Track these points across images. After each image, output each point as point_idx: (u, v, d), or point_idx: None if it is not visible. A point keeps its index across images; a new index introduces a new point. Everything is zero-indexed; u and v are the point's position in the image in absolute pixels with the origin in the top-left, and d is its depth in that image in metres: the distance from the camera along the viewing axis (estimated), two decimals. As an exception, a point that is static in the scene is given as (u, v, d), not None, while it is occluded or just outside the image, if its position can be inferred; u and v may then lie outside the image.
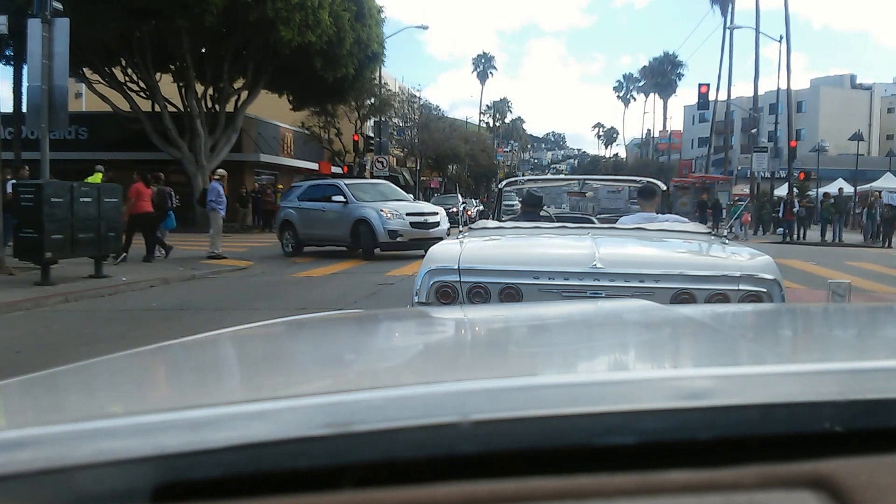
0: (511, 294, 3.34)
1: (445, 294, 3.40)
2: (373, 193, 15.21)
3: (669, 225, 4.45)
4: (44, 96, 9.52)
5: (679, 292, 3.23)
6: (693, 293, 3.23)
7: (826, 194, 26.73)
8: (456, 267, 3.40)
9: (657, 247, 3.97)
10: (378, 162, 32.99)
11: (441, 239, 12.85)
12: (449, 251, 3.59)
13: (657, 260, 3.62)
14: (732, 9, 44.07)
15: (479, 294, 3.37)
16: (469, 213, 18.58)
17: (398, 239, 13.85)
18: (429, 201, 38.21)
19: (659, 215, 4.84)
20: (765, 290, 3.24)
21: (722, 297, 3.22)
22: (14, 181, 10.50)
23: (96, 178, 12.77)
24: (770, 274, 3.31)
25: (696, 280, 3.28)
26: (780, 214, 25.26)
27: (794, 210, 24.41)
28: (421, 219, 14.22)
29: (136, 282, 9.88)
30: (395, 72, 59.19)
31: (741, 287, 3.25)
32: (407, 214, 14.07)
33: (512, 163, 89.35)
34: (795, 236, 24.17)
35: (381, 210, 13.96)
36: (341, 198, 14.67)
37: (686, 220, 5.00)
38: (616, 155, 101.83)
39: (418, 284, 3.46)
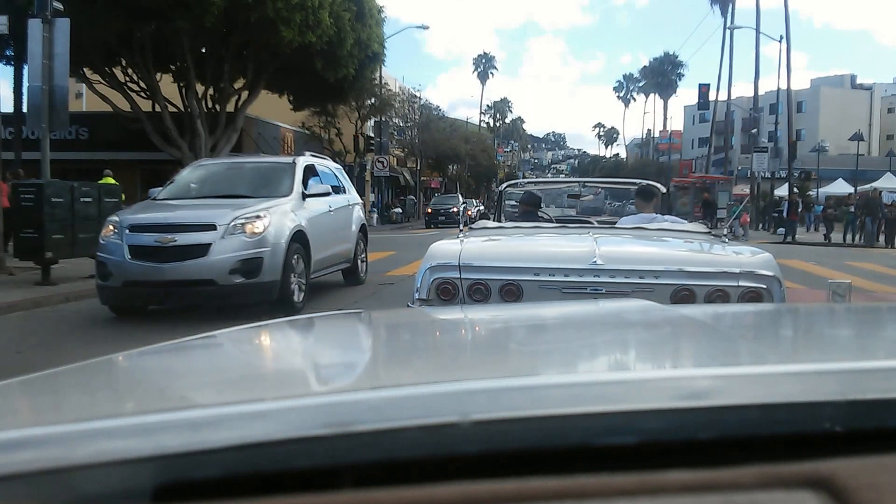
0: (511, 291, 3.34)
1: (446, 291, 3.40)
2: (212, 185, 8.19)
3: (669, 225, 4.47)
4: (44, 96, 9.53)
5: (679, 288, 3.23)
6: (693, 289, 3.23)
7: (848, 196, 26.40)
8: (456, 264, 3.40)
9: (657, 245, 3.98)
10: (378, 162, 33.04)
11: (211, 283, 6.65)
12: (449, 248, 3.59)
13: (657, 257, 3.62)
14: (732, 8, 44.07)
15: (479, 291, 3.37)
16: (469, 213, 17.89)
17: (108, 281, 6.93)
18: (429, 201, 38.24)
19: (658, 216, 4.85)
20: (764, 286, 3.25)
21: (722, 294, 3.22)
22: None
23: (107, 180, 12.38)
24: (770, 271, 3.32)
25: (695, 276, 3.29)
26: (785, 214, 24.96)
27: (799, 210, 24.22)
28: (152, 240, 6.76)
29: (136, 282, 9.86)
30: (395, 71, 59.21)
31: (741, 283, 3.25)
32: (130, 230, 6.86)
33: (512, 163, 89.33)
34: (824, 238, 23.61)
35: (114, 219, 7.29)
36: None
37: (684, 221, 5.01)
38: (616, 155, 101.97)
39: (419, 281, 3.47)
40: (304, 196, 7.92)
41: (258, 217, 6.98)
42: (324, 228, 8.19)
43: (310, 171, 8.56)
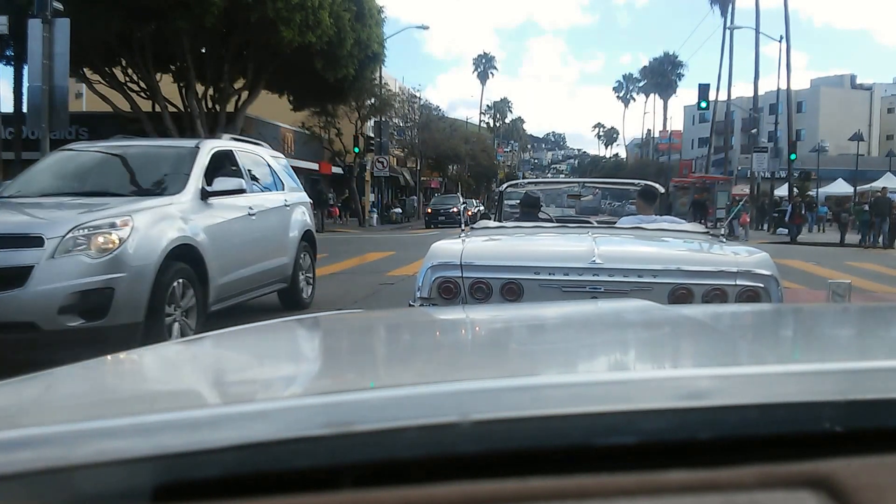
0: (512, 289, 3.38)
1: (447, 290, 3.43)
2: (78, 179, 5.97)
3: (667, 225, 4.49)
4: (44, 96, 9.53)
5: (677, 287, 3.26)
6: (691, 288, 3.26)
7: (862, 196, 25.93)
8: (458, 262, 3.43)
9: (656, 244, 4.01)
10: (378, 162, 33.05)
11: (31, 328, 4.25)
12: (451, 248, 3.62)
13: (655, 256, 3.66)
14: (732, 9, 44.12)
15: (480, 290, 3.40)
16: (469, 213, 17.82)
17: None
18: (429, 201, 38.22)
19: (657, 217, 4.87)
20: (762, 285, 3.27)
21: (719, 293, 3.25)
22: None
23: None
24: (767, 270, 3.34)
25: (693, 275, 3.31)
26: (788, 217, 24.65)
27: (803, 213, 23.96)
28: None
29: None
30: (395, 71, 59.23)
31: (738, 283, 3.27)
32: None
33: (512, 163, 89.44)
34: (842, 240, 23.06)
35: None
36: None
37: (683, 221, 5.04)
38: (616, 155, 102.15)
39: (420, 280, 3.49)
40: (206, 194, 5.62)
41: (113, 226, 4.59)
42: (237, 239, 5.96)
43: (224, 161, 6.23)
